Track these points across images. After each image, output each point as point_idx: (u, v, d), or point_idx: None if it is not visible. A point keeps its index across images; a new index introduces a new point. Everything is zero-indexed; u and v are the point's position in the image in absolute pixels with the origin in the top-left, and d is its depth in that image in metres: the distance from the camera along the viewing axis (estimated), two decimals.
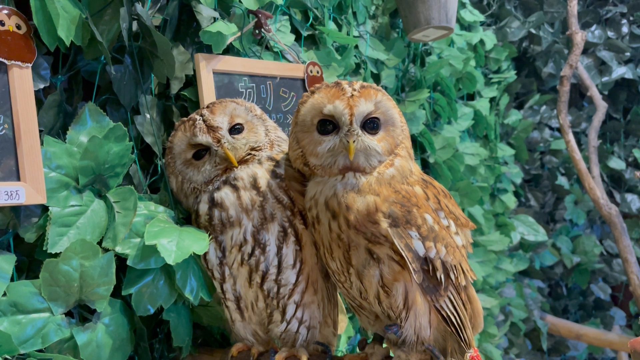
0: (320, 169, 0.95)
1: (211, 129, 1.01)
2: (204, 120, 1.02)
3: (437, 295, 0.93)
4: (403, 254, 0.89)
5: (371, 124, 0.94)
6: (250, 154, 1.03)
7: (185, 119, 1.05)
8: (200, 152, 1.04)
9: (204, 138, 1.01)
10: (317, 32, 1.57)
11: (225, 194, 1.00)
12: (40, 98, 0.95)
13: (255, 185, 1.00)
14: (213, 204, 1.00)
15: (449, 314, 0.95)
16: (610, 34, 3.22)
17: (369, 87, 0.94)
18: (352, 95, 0.92)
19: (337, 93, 0.93)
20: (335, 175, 0.94)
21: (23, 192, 0.85)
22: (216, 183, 1.01)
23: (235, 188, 1.00)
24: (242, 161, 1.02)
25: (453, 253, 0.95)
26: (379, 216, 0.90)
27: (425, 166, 2.12)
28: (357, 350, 1.26)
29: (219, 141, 1.01)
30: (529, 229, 2.93)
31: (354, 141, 0.91)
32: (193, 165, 1.04)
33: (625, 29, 3.23)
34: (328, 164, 0.94)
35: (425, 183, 0.97)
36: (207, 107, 1.05)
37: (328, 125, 0.94)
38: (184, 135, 1.03)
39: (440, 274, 0.93)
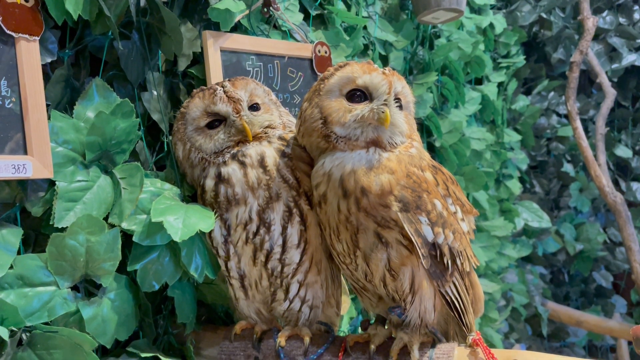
0: (344, 141, 0.93)
1: (232, 99, 1.02)
2: (224, 91, 1.02)
3: (443, 280, 0.94)
4: (413, 239, 0.89)
5: (397, 103, 0.96)
6: (265, 132, 1.04)
7: (204, 87, 1.06)
8: (214, 122, 1.04)
9: (223, 107, 1.02)
10: (325, 11, 1.55)
11: (233, 170, 1.00)
12: (47, 72, 0.94)
13: (262, 164, 1.00)
14: (220, 179, 1.00)
15: (453, 299, 0.96)
16: (621, 20, 3.18)
17: (396, 72, 0.97)
18: (385, 72, 0.94)
19: (371, 68, 0.94)
20: (359, 148, 0.92)
21: (30, 166, 0.85)
22: (225, 156, 1.01)
23: (242, 165, 1.00)
24: (255, 138, 1.02)
25: (460, 239, 0.95)
26: (390, 199, 0.89)
27: (432, 150, 2.11)
28: (360, 330, 1.26)
29: (238, 112, 1.02)
30: (533, 215, 2.93)
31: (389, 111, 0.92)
32: (205, 134, 1.04)
33: (637, 16, 3.19)
34: (354, 136, 0.93)
35: (434, 169, 0.97)
36: (229, 80, 1.06)
37: (358, 95, 0.94)
38: (202, 102, 1.04)
39: (447, 260, 0.93)
